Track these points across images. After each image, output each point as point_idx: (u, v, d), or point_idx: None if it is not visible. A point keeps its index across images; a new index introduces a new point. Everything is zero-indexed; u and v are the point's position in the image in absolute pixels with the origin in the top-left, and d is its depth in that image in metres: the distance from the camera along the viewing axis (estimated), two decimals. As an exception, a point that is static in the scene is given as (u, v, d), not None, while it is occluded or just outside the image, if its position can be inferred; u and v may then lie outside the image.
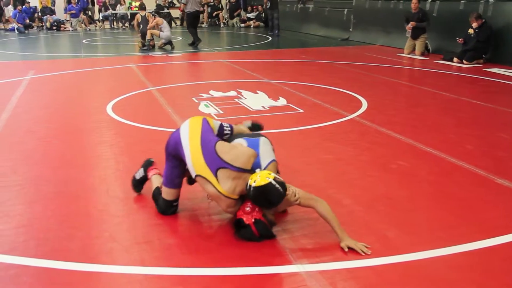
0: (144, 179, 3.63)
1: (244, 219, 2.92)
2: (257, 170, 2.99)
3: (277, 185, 2.83)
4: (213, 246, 2.90)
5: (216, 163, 2.97)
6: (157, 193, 3.37)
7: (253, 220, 2.90)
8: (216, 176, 2.95)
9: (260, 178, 2.84)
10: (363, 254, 2.75)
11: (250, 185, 2.86)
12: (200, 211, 3.38)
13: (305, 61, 10.78)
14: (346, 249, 2.79)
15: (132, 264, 2.70)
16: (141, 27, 13.21)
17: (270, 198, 2.84)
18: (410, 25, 10.94)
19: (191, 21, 13.67)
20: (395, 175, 3.99)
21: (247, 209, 2.94)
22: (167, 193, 3.26)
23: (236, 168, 2.96)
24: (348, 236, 2.86)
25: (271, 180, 2.83)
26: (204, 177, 2.98)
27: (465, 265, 2.68)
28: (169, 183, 3.24)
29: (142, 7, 14.09)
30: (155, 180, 3.52)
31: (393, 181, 3.88)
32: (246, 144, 3.25)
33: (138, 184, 3.64)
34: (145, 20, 13.18)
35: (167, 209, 3.29)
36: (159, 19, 13.26)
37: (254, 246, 2.87)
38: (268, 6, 16.94)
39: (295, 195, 2.95)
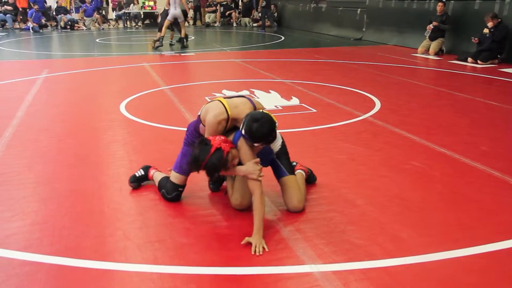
0: (144, 178, 3.76)
1: (211, 140, 3.01)
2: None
3: (275, 131, 3.04)
4: (226, 246, 2.90)
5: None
6: (164, 181, 3.53)
7: (217, 146, 2.96)
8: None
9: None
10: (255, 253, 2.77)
11: (262, 110, 3.17)
12: (212, 210, 3.38)
13: (318, 60, 10.76)
14: (244, 242, 2.85)
15: (145, 262, 2.71)
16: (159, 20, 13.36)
17: (262, 124, 2.94)
18: (432, 25, 10.89)
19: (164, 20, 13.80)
20: (408, 176, 3.96)
21: (222, 138, 3.05)
22: (175, 177, 3.46)
23: (249, 99, 3.28)
24: (259, 236, 2.86)
25: (276, 123, 3.04)
26: (217, 100, 3.25)
27: (481, 268, 2.65)
28: (177, 168, 3.45)
29: None
30: (158, 175, 3.67)
31: (407, 181, 3.85)
32: None
33: (136, 181, 3.75)
34: (165, 13, 13.19)
35: (172, 191, 3.46)
36: None
37: (267, 245, 2.86)
38: (263, 5, 18.21)
39: (257, 172, 3.01)
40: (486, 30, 9.69)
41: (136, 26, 21.45)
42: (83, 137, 5.11)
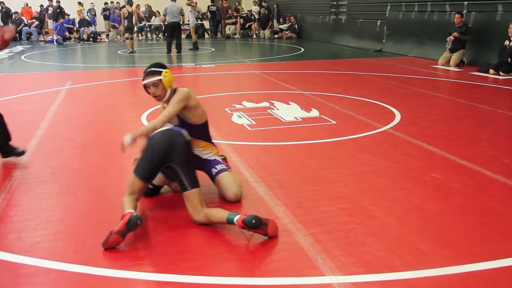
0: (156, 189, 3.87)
1: None
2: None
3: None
4: (246, 256, 2.93)
5: None
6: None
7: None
8: None
9: None
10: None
11: None
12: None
13: (337, 72, 10.77)
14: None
15: (168, 272, 2.74)
16: (126, 23, 14.42)
17: None
18: (452, 36, 10.84)
19: (169, 32, 14.47)
20: (428, 188, 3.95)
21: None
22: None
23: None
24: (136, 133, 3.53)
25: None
26: None
27: (502, 282, 2.63)
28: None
29: (129, 2, 14.62)
30: None
31: (427, 193, 3.84)
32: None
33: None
34: (131, 15, 14.38)
35: None
36: (124, 10, 14.49)
37: (287, 256, 2.89)
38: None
39: None
40: (507, 42, 9.61)
41: (157, 38, 21.75)
42: (105, 148, 5.20)
